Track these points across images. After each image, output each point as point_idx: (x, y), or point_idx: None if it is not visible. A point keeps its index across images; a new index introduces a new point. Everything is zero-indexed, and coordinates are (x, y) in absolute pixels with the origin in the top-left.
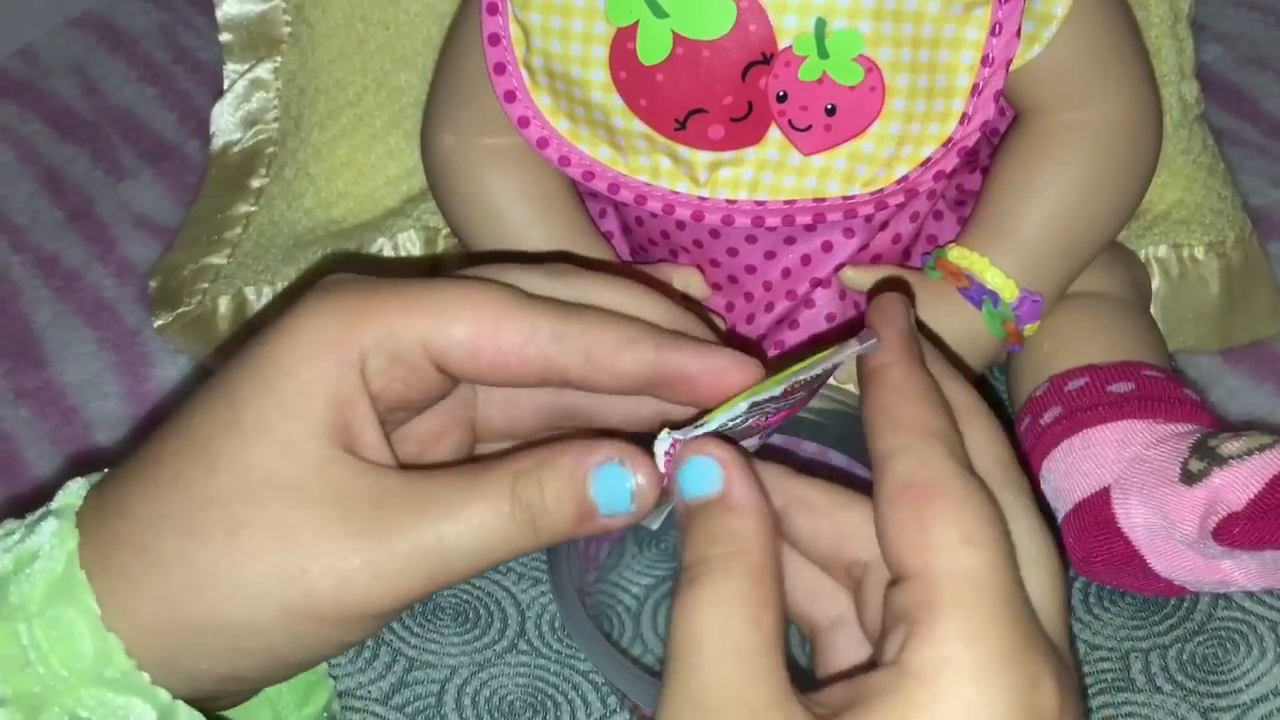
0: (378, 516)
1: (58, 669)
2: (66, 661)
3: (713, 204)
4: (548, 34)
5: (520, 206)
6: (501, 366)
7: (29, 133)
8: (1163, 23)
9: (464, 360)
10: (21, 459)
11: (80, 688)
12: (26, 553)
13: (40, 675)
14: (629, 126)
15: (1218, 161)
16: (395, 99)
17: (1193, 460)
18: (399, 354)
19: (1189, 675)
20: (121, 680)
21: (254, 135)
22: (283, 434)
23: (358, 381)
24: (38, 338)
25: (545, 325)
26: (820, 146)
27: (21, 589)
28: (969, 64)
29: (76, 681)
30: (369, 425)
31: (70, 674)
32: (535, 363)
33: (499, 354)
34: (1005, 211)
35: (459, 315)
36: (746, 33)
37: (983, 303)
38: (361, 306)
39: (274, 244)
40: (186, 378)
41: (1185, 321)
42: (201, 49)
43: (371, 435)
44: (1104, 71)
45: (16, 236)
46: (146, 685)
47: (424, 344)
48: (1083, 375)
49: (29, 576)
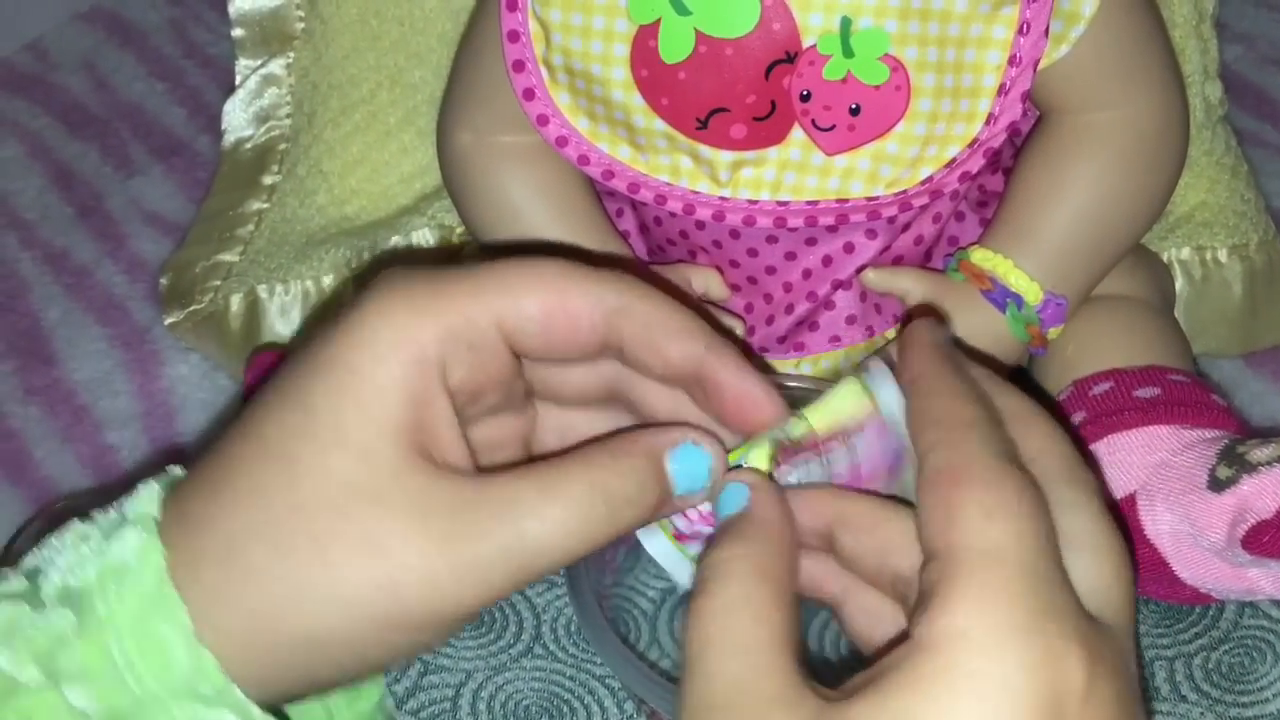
0: (461, 521)
1: (150, 684)
2: (159, 676)
3: (734, 204)
4: (568, 31)
5: (538, 205)
6: (572, 336)
7: (38, 128)
8: (1186, 23)
9: (537, 335)
10: (31, 457)
11: (173, 702)
12: (111, 566)
13: (132, 690)
14: (650, 125)
15: (1241, 163)
16: (409, 95)
17: (1220, 467)
18: (475, 340)
19: (1214, 684)
20: (215, 695)
21: (266, 131)
22: (361, 440)
23: (435, 377)
24: (47, 335)
25: (610, 296)
26: (844, 146)
27: (110, 603)
28: (996, 64)
29: (169, 696)
30: (445, 423)
31: (163, 689)
32: (601, 329)
33: (570, 322)
34: (1029, 213)
35: (530, 289)
36: (770, 31)
37: (1006, 306)
38: (431, 297)
39: (287, 241)
40: (200, 377)
41: (1208, 325)
42: (212, 44)
43: (448, 433)
44: (1131, 72)
45: (26, 232)
46: (240, 699)
47: (499, 324)
48: (1108, 380)
49: (118, 591)
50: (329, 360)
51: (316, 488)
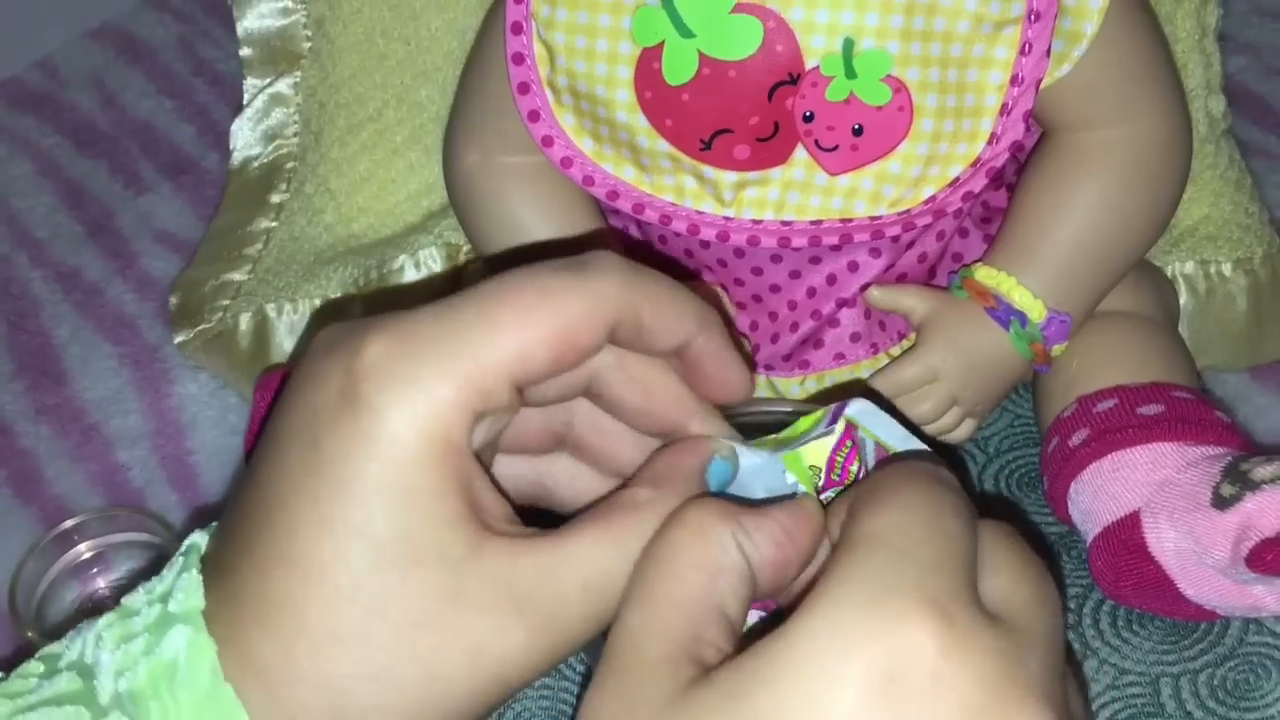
0: (550, 599)
1: None
2: None
3: (738, 224)
4: (572, 54)
5: (543, 225)
6: (576, 357)
7: (48, 146)
8: (1189, 37)
9: (545, 369)
10: (42, 476)
11: None
12: (162, 666)
13: None
14: (654, 146)
15: (1245, 176)
16: (416, 114)
17: (1224, 484)
18: (490, 395)
19: (1220, 701)
20: None
21: (274, 150)
22: (431, 546)
23: (465, 445)
24: (58, 353)
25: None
26: (847, 167)
27: (166, 707)
28: (998, 84)
29: None
30: (488, 490)
31: None
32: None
33: (575, 348)
34: (1033, 231)
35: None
36: (773, 53)
37: (1010, 323)
38: (437, 362)
39: (295, 260)
40: (209, 395)
41: (1212, 339)
42: (220, 61)
43: (493, 500)
44: (1133, 90)
45: (37, 251)
46: None
47: (510, 375)
48: (1112, 396)
49: (171, 693)
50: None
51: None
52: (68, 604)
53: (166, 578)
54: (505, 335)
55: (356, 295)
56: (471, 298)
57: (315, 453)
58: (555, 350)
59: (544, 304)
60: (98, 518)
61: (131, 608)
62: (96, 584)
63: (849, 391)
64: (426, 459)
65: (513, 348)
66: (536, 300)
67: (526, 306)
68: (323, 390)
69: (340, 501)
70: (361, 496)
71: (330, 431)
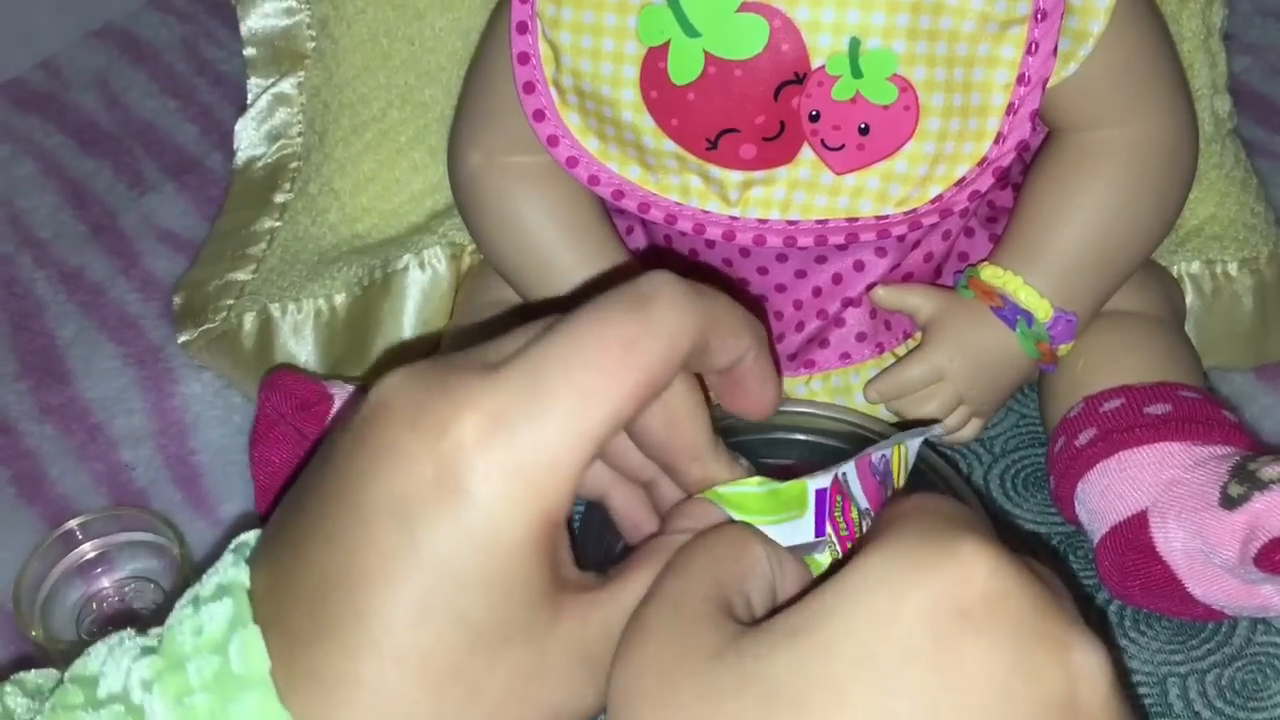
0: (607, 659)
1: None
2: None
3: (744, 223)
4: (578, 53)
5: (549, 225)
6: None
7: (52, 145)
8: (1195, 37)
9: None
10: (46, 476)
11: None
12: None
13: None
14: (659, 146)
15: (1250, 176)
16: (420, 114)
17: (1232, 484)
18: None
19: (1228, 701)
20: None
21: (278, 150)
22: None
23: (564, 523)
24: (61, 353)
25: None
26: (853, 166)
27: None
28: (1004, 83)
29: None
30: (565, 546)
31: None
32: None
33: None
34: (1039, 230)
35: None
36: (779, 52)
37: (1017, 322)
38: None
39: (299, 260)
40: (213, 395)
41: (1218, 338)
42: (224, 61)
43: (567, 554)
44: (1140, 89)
45: (40, 251)
46: None
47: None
48: (1118, 396)
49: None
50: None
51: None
52: (71, 604)
53: (215, 615)
54: (601, 406)
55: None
56: (557, 362)
57: (410, 538)
58: (642, 402)
59: (630, 360)
60: (102, 517)
61: (178, 651)
62: (100, 584)
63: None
64: (529, 549)
65: (609, 416)
66: (623, 357)
67: (615, 367)
68: (412, 467)
69: (442, 594)
70: (463, 590)
71: (428, 521)
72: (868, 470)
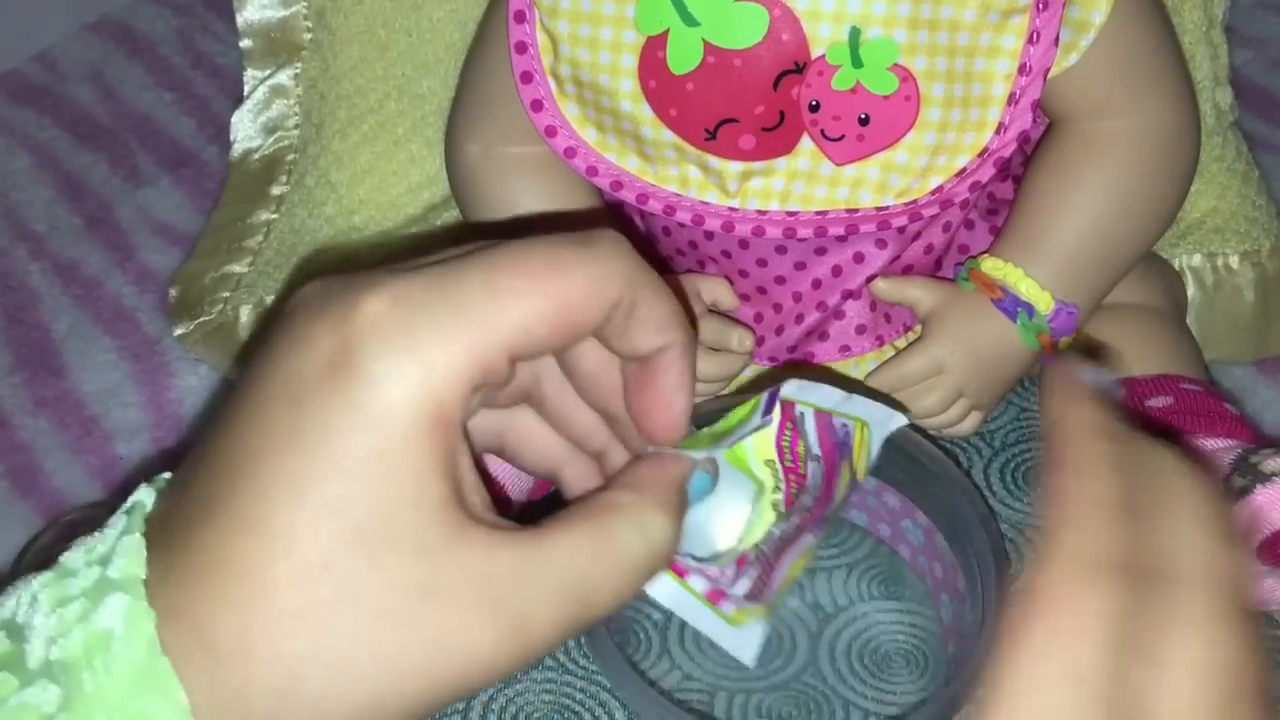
0: (528, 600)
1: None
2: None
3: (743, 214)
4: (576, 42)
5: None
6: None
7: (47, 138)
8: (1196, 29)
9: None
10: (41, 469)
11: None
12: (97, 636)
13: None
14: (658, 136)
15: (1252, 169)
16: (417, 106)
17: (1234, 477)
18: (488, 372)
19: None
20: None
21: (274, 142)
22: (409, 530)
23: (460, 428)
24: (57, 346)
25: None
26: (853, 156)
27: (99, 679)
28: (1005, 73)
29: None
30: (471, 471)
31: None
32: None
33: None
34: (1040, 222)
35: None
36: (779, 42)
37: (1017, 314)
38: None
39: (295, 252)
40: (209, 388)
41: (1220, 332)
42: (220, 54)
43: (474, 483)
44: (1142, 80)
45: (35, 244)
46: None
47: (509, 350)
48: (1119, 389)
49: (106, 665)
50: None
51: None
52: None
53: (109, 536)
54: (511, 307)
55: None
56: (477, 263)
57: (297, 418)
58: (557, 326)
59: (553, 276)
60: (97, 511)
61: (69, 567)
62: None
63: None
64: (417, 434)
65: (518, 320)
66: (546, 271)
67: (535, 276)
68: (310, 351)
69: (320, 473)
70: (344, 470)
71: (316, 397)
72: (826, 426)
